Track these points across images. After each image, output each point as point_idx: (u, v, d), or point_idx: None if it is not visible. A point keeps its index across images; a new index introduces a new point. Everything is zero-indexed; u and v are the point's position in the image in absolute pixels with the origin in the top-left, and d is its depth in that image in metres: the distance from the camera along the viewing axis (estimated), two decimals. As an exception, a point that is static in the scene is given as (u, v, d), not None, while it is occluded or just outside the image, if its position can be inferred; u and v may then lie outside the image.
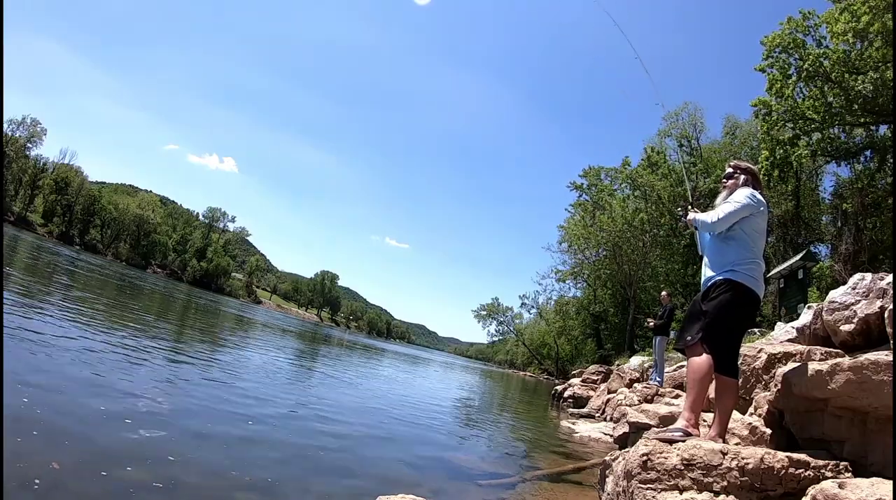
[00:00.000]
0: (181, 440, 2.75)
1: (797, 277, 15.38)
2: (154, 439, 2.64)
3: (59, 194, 63.19)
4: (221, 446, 2.84)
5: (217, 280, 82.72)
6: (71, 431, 2.43)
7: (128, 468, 2.18)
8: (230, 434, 3.13)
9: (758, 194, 2.89)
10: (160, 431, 2.78)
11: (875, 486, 1.64)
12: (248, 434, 3.24)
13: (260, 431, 3.38)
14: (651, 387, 8.16)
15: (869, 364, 2.08)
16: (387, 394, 7.33)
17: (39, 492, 1.82)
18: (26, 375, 3.12)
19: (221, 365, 5.89)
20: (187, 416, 3.24)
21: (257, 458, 2.78)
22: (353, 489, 2.64)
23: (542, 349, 45.59)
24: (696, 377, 2.66)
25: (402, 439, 4.24)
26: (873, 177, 16.05)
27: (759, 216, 2.82)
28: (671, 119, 28.68)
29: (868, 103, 13.58)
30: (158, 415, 3.08)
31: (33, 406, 2.61)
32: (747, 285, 2.68)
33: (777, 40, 14.98)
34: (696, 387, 2.65)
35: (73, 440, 2.32)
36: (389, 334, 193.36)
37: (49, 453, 2.12)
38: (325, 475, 2.80)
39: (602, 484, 2.71)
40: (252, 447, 2.97)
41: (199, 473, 2.34)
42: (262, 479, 2.47)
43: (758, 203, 2.82)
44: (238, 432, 3.24)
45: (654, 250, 28.47)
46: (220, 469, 2.47)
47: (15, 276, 8.79)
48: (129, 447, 2.44)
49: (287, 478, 2.57)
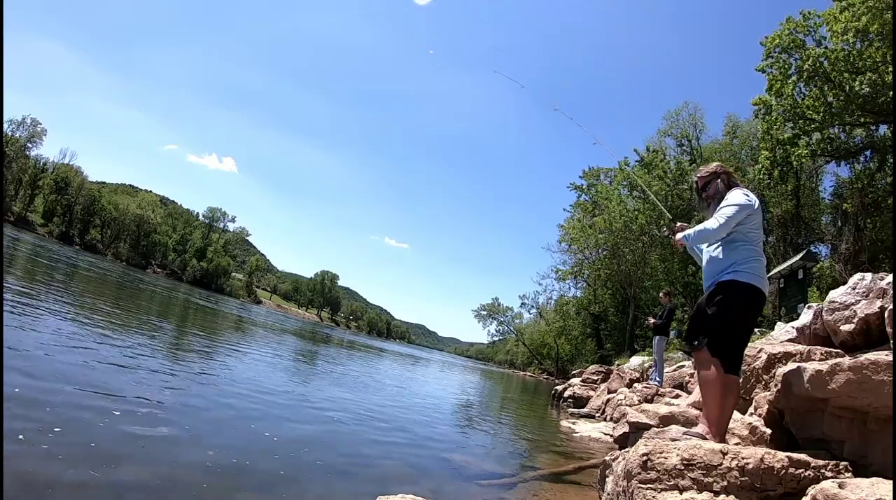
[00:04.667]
0: (180, 439, 2.75)
1: (797, 277, 15.39)
2: (154, 438, 2.64)
3: (59, 194, 63.23)
4: (221, 445, 2.84)
5: (217, 280, 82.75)
6: (70, 430, 2.43)
7: (127, 468, 2.18)
8: (229, 434, 3.12)
9: (749, 193, 2.88)
10: (160, 430, 2.78)
11: (875, 486, 1.64)
12: (248, 434, 3.24)
13: (259, 430, 3.37)
14: (651, 387, 8.16)
15: (869, 364, 2.08)
16: (387, 394, 7.32)
17: (39, 492, 1.82)
18: (26, 375, 3.12)
19: (221, 365, 5.88)
20: (186, 416, 3.24)
21: (257, 458, 2.77)
22: (352, 488, 2.63)
23: (542, 349, 45.61)
24: (706, 389, 2.67)
25: (402, 438, 4.24)
26: (873, 177, 16.05)
27: (755, 214, 2.81)
28: (671, 118, 28.72)
29: (868, 103, 13.58)
30: (158, 415, 3.08)
31: (33, 406, 2.60)
32: (752, 284, 2.67)
33: (776, 40, 14.98)
34: (707, 396, 2.66)
35: (72, 440, 2.32)
36: (389, 334, 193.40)
37: (49, 452, 2.12)
38: (325, 474, 2.80)
39: (602, 484, 2.71)
40: (251, 446, 2.97)
41: (198, 473, 2.34)
42: (262, 479, 2.47)
43: (753, 202, 2.82)
44: (237, 432, 3.24)
45: (653, 249, 28.49)
46: (219, 469, 2.46)
47: (15, 276, 8.79)
48: (129, 446, 2.44)
49: (286, 478, 2.57)
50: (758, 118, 17.23)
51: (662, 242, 28.25)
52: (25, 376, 3.10)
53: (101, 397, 3.11)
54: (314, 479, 2.68)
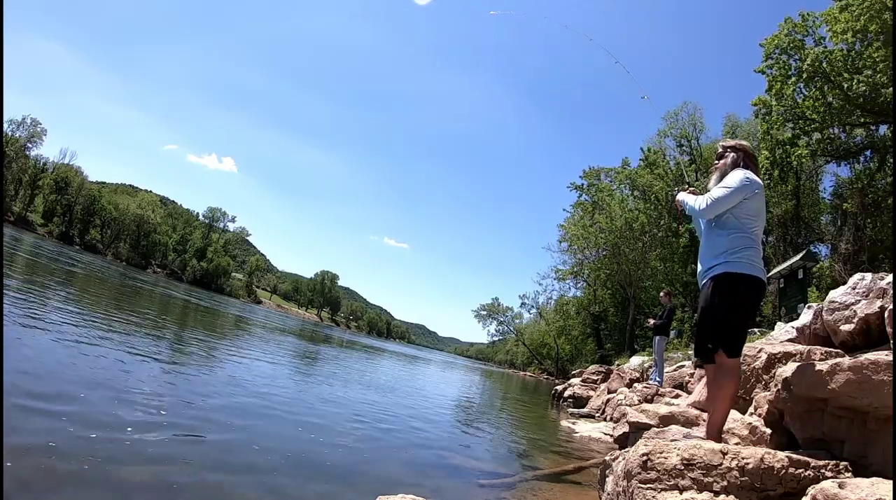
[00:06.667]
0: (181, 440, 2.75)
1: (797, 277, 15.40)
2: (154, 438, 2.64)
3: (59, 194, 63.23)
4: (221, 446, 2.84)
5: (217, 280, 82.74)
6: (70, 430, 2.43)
7: (128, 468, 2.18)
8: (230, 434, 3.12)
9: (751, 175, 2.71)
10: (160, 430, 2.78)
11: (875, 486, 1.64)
12: (248, 434, 3.23)
13: (259, 431, 3.37)
14: (651, 387, 8.16)
15: (869, 364, 2.08)
16: (387, 393, 7.32)
17: (39, 492, 1.82)
18: (25, 375, 3.12)
19: (222, 365, 5.88)
20: (187, 416, 3.24)
21: (257, 458, 2.78)
22: (352, 488, 2.63)
23: (542, 349, 45.60)
24: (721, 393, 2.61)
25: (402, 438, 4.24)
26: (873, 177, 16.05)
27: (753, 199, 2.66)
28: (671, 119, 28.67)
29: (867, 103, 13.58)
30: (158, 415, 3.08)
31: (33, 406, 2.60)
32: (745, 273, 2.58)
33: (776, 41, 14.99)
34: (718, 401, 2.62)
35: (72, 440, 2.32)
36: (389, 334, 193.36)
37: (49, 452, 2.12)
38: (325, 474, 2.80)
39: (602, 484, 2.71)
40: (252, 446, 2.97)
41: (198, 473, 2.34)
42: (262, 479, 2.47)
43: (752, 184, 2.65)
44: (238, 432, 3.24)
45: (654, 249, 28.49)
46: (219, 469, 2.46)
47: (15, 276, 8.79)
48: (129, 446, 2.44)
49: (286, 478, 2.57)
50: (758, 119, 17.22)
51: (663, 242, 28.27)
52: (25, 375, 3.10)
53: (102, 398, 3.11)
54: (314, 478, 2.68)
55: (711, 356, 2.67)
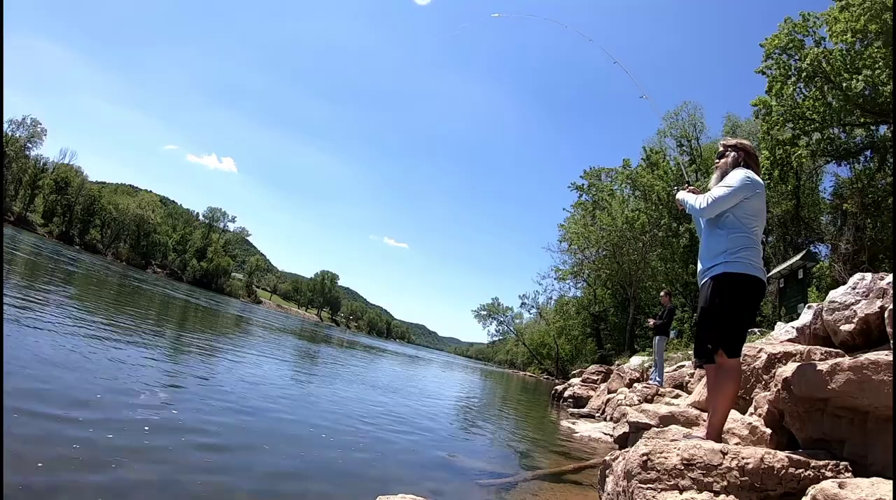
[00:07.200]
0: (181, 440, 2.75)
1: (797, 277, 15.41)
2: (154, 439, 2.64)
3: (59, 194, 63.22)
4: (221, 446, 2.84)
5: (217, 280, 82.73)
6: (71, 430, 2.43)
7: (128, 468, 2.18)
8: (230, 434, 3.12)
9: (752, 175, 2.70)
10: (160, 431, 2.78)
11: (875, 486, 1.64)
12: (248, 434, 3.24)
13: (259, 431, 3.38)
14: (651, 387, 8.15)
15: (869, 364, 2.08)
16: (387, 393, 7.32)
17: (39, 492, 1.82)
18: (25, 375, 3.12)
19: (222, 365, 5.89)
20: (187, 417, 3.24)
21: (257, 458, 2.78)
22: (352, 488, 2.64)
23: (542, 349, 45.56)
24: (724, 394, 2.61)
25: (402, 438, 4.24)
26: (873, 177, 16.03)
27: (753, 199, 2.65)
28: (671, 119, 28.65)
29: (868, 103, 13.58)
30: (159, 415, 3.08)
31: (33, 406, 2.60)
32: (745, 273, 2.57)
33: (776, 42, 14.99)
34: (719, 402, 2.61)
35: (73, 440, 2.32)
36: (389, 334, 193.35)
37: (48, 453, 2.12)
38: (325, 474, 2.80)
39: (602, 484, 2.71)
40: (252, 447, 2.97)
41: (199, 473, 2.34)
42: (262, 479, 2.47)
43: (753, 184, 2.64)
44: (238, 432, 3.24)
45: (654, 249, 28.47)
46: (220, 469, 2.47)
47: (15, 276, 8.79)
48: (129, 446, 2.44)
49: (286, 478, 2.57)
50: (758, 119, 17.22)
51: (663, 242, 28.25)
52: (24, 376, 3.10)
53: (102, 398, 3.11)
54: (315, 478, 2.69)
55: (711, 356, 2.67)
